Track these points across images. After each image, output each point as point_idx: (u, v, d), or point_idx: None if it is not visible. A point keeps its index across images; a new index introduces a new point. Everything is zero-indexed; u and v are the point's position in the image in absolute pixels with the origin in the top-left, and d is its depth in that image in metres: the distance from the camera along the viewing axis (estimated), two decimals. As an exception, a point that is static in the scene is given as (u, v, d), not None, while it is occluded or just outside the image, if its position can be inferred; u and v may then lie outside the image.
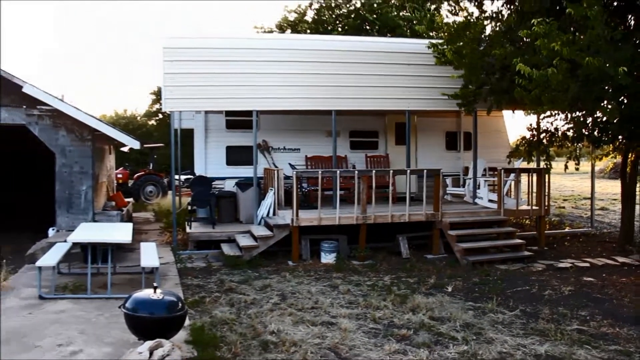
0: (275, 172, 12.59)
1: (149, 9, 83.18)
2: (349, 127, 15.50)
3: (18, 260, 11.15)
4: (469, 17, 12.09)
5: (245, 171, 13.96)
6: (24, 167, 18.96)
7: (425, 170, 12.24)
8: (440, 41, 12.55)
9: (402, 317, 7.53)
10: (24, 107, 12.44)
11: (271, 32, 29.28)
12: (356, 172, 11.94)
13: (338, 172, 11.73)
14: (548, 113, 11.80)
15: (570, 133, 12.18)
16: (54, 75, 71.07)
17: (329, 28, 27.73)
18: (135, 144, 13.18)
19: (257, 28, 30.56)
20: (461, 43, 11.83)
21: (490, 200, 13.14)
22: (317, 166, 14.66)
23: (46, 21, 79.22)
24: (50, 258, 8.68)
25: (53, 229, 12.60)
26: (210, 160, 14.95)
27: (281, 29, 29.22)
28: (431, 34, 15.14)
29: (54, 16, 78.03)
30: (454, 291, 9.01)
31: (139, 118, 46.19)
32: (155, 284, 5.87)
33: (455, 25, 12.09)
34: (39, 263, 8.44)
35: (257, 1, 70.45)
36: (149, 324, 5.56)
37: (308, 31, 28.15)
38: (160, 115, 45.11)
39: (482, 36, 12.13)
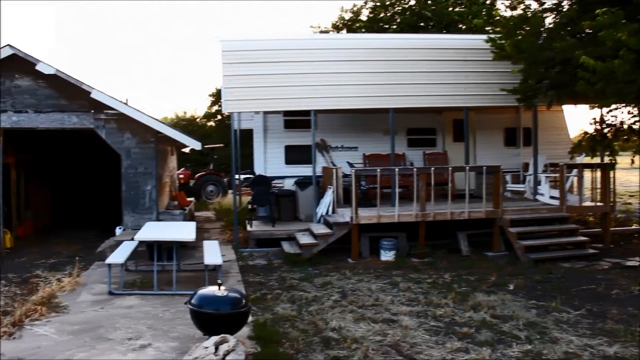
0: (334, 170, 12.68)
1: (208, 9, 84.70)
2: (406, 125, 15.45)
3: (88, 257, 11.67)
4: (527, 10, 11.88)
5: (304, 170, 14.12)
6: (91, 169, 19.69)
7: (484, 167, 12.12)
8: (499, 35, 12.36)
9: (463, 315, 7.50)
10: (92, 111, 12.97)
11: (327, 32, 29.37)
12: (415, 169, 11.92)
13: (396, 169, 11.73)
14: (613, 106, 11.48)
15: (636, 126, 11.82)
16: (118, 77, 73.10)
17: (385, 26, 27.63)
18: (197, 145, 13.53)
19: (313, 28, 30.72)
20: (520, 37, 11.63)
21: (551, 197, 12.87)
22: (375, 164, 14.66)
23: (110, 22, 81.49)
24: (119, 256, 9.04)
25: (120, 228, 13.08)
26: (269, 160, 15.20)
27: (337, 28, 29.27)
28: (487, 28, 14.96)
29: (115, 17, 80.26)
30: (515, 289, 8.89)
31: (198, 120, 47.10)
32: (219, 281, 6.06)
33: (513, 19, 11.89)
34: (108, 260, 8.81)
35: (313, 1, 70.63)
36: (214, 319, 5.74)
37: (363, 30, 28.12)
38: (219, 117, 45.88)
39: (542, 29, 11.89)
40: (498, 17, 13.03)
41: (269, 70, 12.68)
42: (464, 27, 25.30)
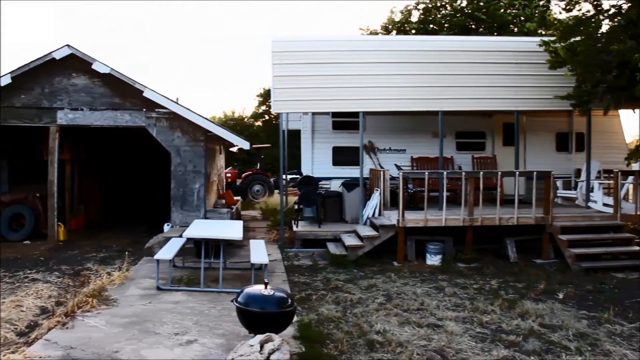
0: (381, 172, 12.63)
1: (258, 10, 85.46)
2: (455, 128, 15.31)
3: (137, 253, 11.92)
4: (583, 13, 11.59)
5: (351, 171, 14.14)
6: (142, 166, 20.10)
7: (535, 172, 11.86)
8: (553, 38, 12.10)
9: (510, 323, 7.36)
10: (144, 110, 13.26)
11: (376, 33, 29.31)
12: (463, 173, 11.77)
13: (445, 173, 11.61)
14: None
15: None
16: (167, 75, 74.33)
17: (435, 28, 27.42)
18: (245, 145, 13.68)
19: (362, 30, 30.71)
20: (575, 40, 11.36)
21: (605, 204, 12.52)
22: (423, 167, 14.59)
23: (161, 21, 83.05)
24: (167, 252, 9.19)
25: (168, 224, 13.33)
26: (316, 161, 15.26)
27: (387, 30, 29.19)
28: (540, 30, 14.65)
29: (168, 17, 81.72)
30: (565, 298, 8.67)
31: (246, 119, 47.58)
32: (266, 280, 6.10)
33: (568, 21, 11.62)
34: (157, 256, 8.97)
35: (362, 1, 70.47)
36: (260, 318, 5.78)
37: (414, 32, 27.96)
38: (267, 117, 46.25)
39: (598, 32, 11.58)
40: (552, 20, 12.72)
41: (318, 71, 12.73)
42: (516, 29, 24.93)
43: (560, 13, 12.70)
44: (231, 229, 9.79)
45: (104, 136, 16.62)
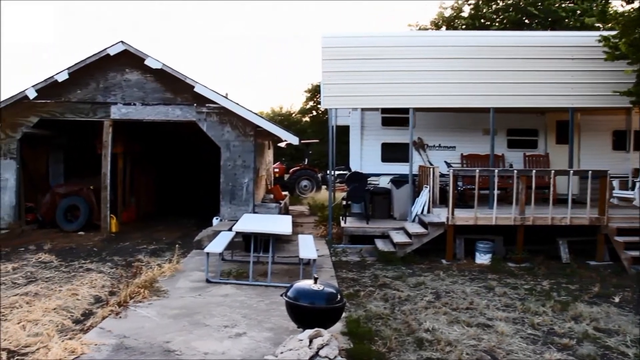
0: (431, 169, 12.48)
1: (307, 6, 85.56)
2: (506, 125, 15.01)
3: (186, 245, 12.09)
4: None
5: (400, 168, 14.04)
6: (191, 160, 20.42)
7: (590, 171, 11.52)
8: (613, 33, 11.70)
9: (563, 326, 7.17)
10: (195, 104, 13.46)
11: (426, 29, 29.02)
12: (515, 171, 11.52)
13: (496, 171, 11.39)
14: None
15: None
16: (215, 71, 75.20)
17: (487, 23, 26.96)
18: (295, 140, 13.72)
19: (412, 25, 30.44)
20: (638, 34, 10.96)
21: (664, 206, 12.10)
22: (473, 165, 14.36)
23: (212, 19, 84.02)
24: (217, 245, 9.29)
25: (217, 218, 13.49)
26: (365, 157, 15.19)
27: (436, 25, 28.86)
28: (598, 25, 14.22)
29: (217, 15, 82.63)
30: (621, 302, 8.38)
31: (294, 115, 47.76)
32: (315, 276, 6.09)
33: (631, 14, 11.22)
34: (207, 250, 9.07)
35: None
36: (309, 313, 5.77)
37: (464, 27, 27.55)
38: (314, 113, 46.32)
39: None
40: (613, 14, 12.28)
41: (368, 67, 12.65)
42: (571, 23, 24.27)
43: (622, 6, 12.25)
44: (280, 224, 9.83)
45: (156, 130, 16.91)
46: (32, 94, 13.72)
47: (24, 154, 14.65)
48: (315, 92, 45.53)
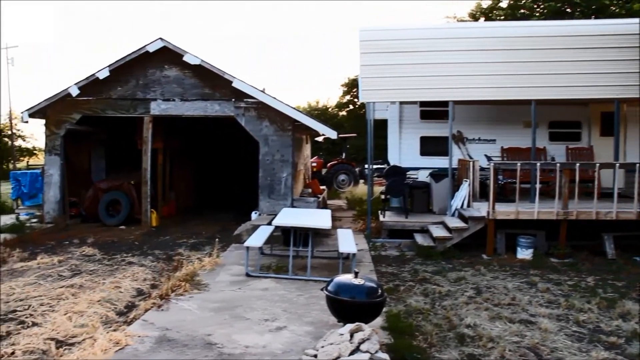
0: (471, 163, 12.30)
1: (341, 2, 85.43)
2: (548, 118, 14.68)
3: (225, 239, 12.18)
4: None
5: (439, 162, 13.89)
6: (229, 155, 20.60)
7: (637, 164, 11.17)
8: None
9: (609, 323, 6.98)
10: (233, 100, 13.54)
11: (463, 21, 28.64)
12: (558, 164, 11.27)
13: (538, 164, 11.17)
14: None
15: None
16: (254, 65, 75.63)
17: (526, 13, 26.45)
18: (333, 134, 13.71)
19: (449, 17, 30.09)
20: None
21: None
22: (514, 158, 14.11)
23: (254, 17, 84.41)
24: (256, 239, 9.34)
25: (256, 212, 13.57)
26: (404, 151, 15.07)
27: (474, 17, 28.46)
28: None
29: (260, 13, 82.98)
30: (672, 300, 8.15)
31: (330, 109, 47.78)
32: (356, 270, 6.07)
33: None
34: (247, 244, 9.12)
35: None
36: (350, 307, 5.76)
37: (502, 18, 27.10)
38: (351, 107, 46.26)
39: None
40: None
41: (406, 60, 12.51)
42: (616, 11, 23.61)
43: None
44: (320, 218, 9.83)
45: (193, 126, 17.08)
46: (74, 92, 14.02)
47: (68, 150, 14.97)
48: (351, 86, 45.46)
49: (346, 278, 5.93)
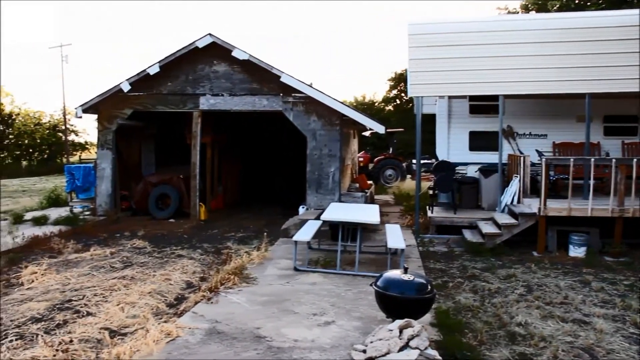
0: (521, 158, 12.05)
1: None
2: (603, 112, 14.25)
3: (273, 233, 12.25)
4: None
5: (488, 157, 13.67)
6: (276, 149, 20.72)
7: (699, 160, 10.74)
8: None
9: (669, 326, 6.74)
10: (281, 94, 13.58)
11: (515, 13, 28.06)
12: (614, 160, 10.93)
13: (592, 160, 10.86)
14: None
15: None
16: (300, 62, 75.82)
17: (581, 3, 25.72)
18: (381, 129, 13.62)
19: (500, 9, 29.53)
20: None
21: None
22: (566, 153, 13.78)
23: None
24: (305, 234, 9.36)
25: (303, 207, 13.60)
26: (452, 146, 14.86)
27: (526, 9, 27.84)
28: None
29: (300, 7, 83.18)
30: None
31: (377, 104, 47.54)
32: (405, 266, 6.01)
33: None
34: (295, 238, 9.17)
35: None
36: (399, 303, 5.70)
37: (555, 9, 26.41)
38: (398, 101, 45.92)
39: None
40: None
41: (455, 53, 12.31)
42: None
43: None
44: (368, 213, 9.78)
45: (239, 120, 17.22)
46: (126, 87, 14.30)
47: (119, 145, 15.31)
48: (398, 80, 45.12)
49: (395, 274, 5.88)
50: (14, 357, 5.46)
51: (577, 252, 10.46)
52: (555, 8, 26.23)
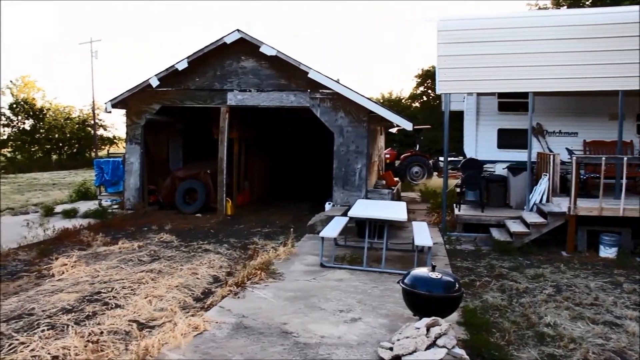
0: (551, 156, 11.87)
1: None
2: (636, 109, 13.97)
3: (299, 229, 12.27)
4: None
5: (517, 155, 13.52)
6: (302, 145, 20.75)
7: None
8: None
9: None
10: (309, 90, 13.58)
11: (545, 9, 27.64)
12: (646, 159, 10.72)
13: (625, 159, 10.65)
14: None
15: None
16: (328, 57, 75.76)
17: (617, -1, 25.19)
18: (408, 125, 13.53)
19: (530, 5, 29.13)
20: None
21: None
22: (597, 152, 13.55)
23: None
24: (331, 230, 9.34)
25: (329, 203, 13.59)
26: (480, 143, 14.71)
27: (558, 4, 27.41)
28: None
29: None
30: None
31: (403, 100, 47.31)
32: (433, 264, 5.97)
33: None
34: (322, 234, 9.15)
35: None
36: (426, 301, 5.66)
37: (588, 4, 25.96)
38: (425, 98, 45.64)
39: None
40: None
41: (485, 50, 12.15)
42: None
43: None
44: (395, 210, 9.73)
45: (265, 116, 17.26)
46: (154, 83, 14.43)
47: (147, 139, 15.45)
48: (425, 77, 44.84)
49: (423, 271, 5.84)
50: (46, 346, 5.55)
51: (607, 252, 10.28)
52: (588, 3, 25.75)
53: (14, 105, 43.73)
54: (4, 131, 43.65)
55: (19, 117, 44.11)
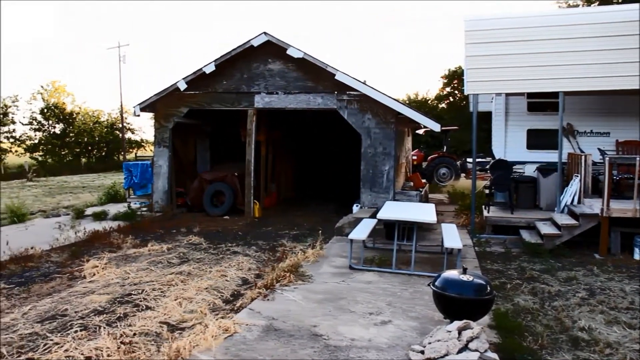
0: (582, 157, 11.68)
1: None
2: (670, 109, 13.69)
3: (327, 231, 12.23)
4: None
5: (546, 156, 13.35)
6: (329, 147, 20.72)
7: None
8: None
9: None
10: (336, 92, 13.56)
11: (576, 6, 27.24)
12: (682, 159, 10.46)
13: (659, 159, 10.42)
14: None
15: None
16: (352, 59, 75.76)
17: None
18: (436, 127, 13.42)
19: (560, 3, 28.74)
20: None
21: None
22: (630, 152, 13.30)
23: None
24: (360, 232, 9.30)
25: (357, 205, 13.55)
26: (509, 144, 14.57)
27: (589, 1, 26.99)
28: None
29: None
30: None
31: (430, 101, 47.01)
32: (464, 266, 5.90)
33: None
34: (350, 236, 9.12)
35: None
36: (457, 304, 5.59)
37: (620, 1, 25.49)
38: (451, 99, 45.32)
39: None
40: None
41: (514, 49, 11.99)
42: None
43: None
44: (425, 212, 9.65)
45: (291, 118, 17.28)
46: (182, 86, 14.54)
47: (175, 142, 15.56)
48: (452, 77, 44.52)
49: (454, 274, 5.77)
50: (79, 347, 5.61)
51: (642, 255, 10.07)
52: (620, 1, 25.31)
53: (45, 110, 44.47)
54: (35, 135, 44.44)
55: (50, 122, 44.85)
